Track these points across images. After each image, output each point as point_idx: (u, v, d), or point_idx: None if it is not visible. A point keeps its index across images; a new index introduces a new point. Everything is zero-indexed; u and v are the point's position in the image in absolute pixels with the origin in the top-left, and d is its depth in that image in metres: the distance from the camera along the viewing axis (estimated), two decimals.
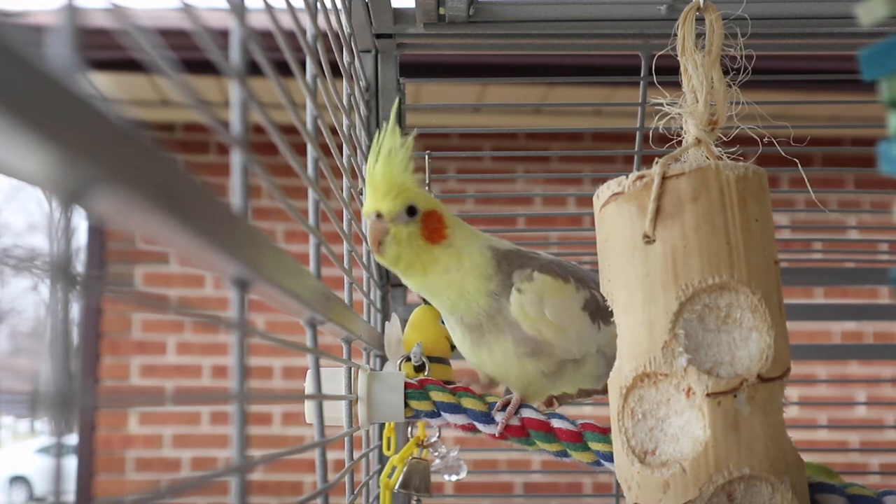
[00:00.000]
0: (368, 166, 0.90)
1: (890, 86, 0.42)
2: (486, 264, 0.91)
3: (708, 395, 0.69)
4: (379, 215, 0.89)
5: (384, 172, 0.89)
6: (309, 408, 0.77)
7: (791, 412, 3.38)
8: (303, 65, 0.67)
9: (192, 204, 0.28)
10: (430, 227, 0.91)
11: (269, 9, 0.52)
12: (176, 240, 0.29)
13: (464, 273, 0.90)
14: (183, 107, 3.06)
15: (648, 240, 0.72)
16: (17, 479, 9.44)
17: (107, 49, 2.53)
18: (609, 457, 0.84)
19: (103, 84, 3.18)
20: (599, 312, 0.94)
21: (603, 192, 0.76)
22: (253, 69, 0.45)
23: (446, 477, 1.07)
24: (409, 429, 1.05)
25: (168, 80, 0.32)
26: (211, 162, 3.44)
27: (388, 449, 1.08)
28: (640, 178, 0.73)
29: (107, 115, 0.22)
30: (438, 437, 1.05)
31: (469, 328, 0.92)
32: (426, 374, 1.01)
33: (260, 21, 0.57)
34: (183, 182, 0.28)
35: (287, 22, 0.63)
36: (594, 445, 0.87)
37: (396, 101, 0.99)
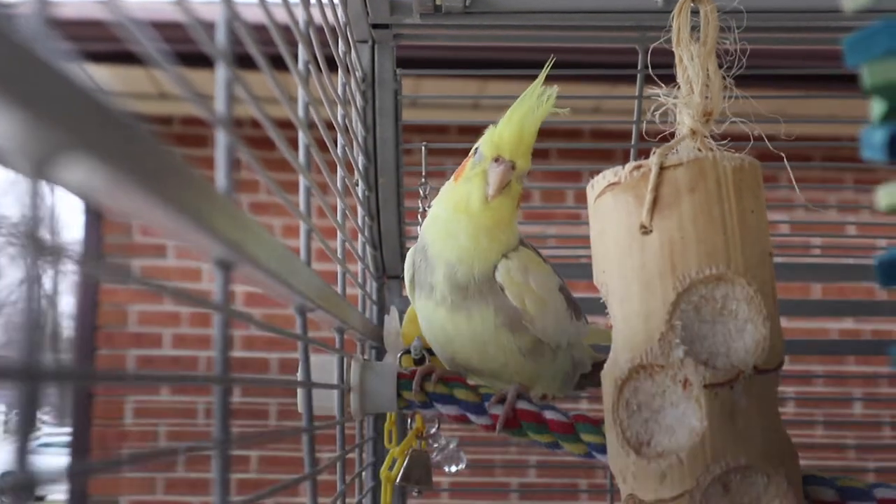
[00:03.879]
0: (520, 114, 0.90)
1: (871, 72, 0.42)
2: (514, 241, 0.94)
3: (705, 386, 0.69)
4: (514, 167, 0.90)
5: (534, 129, 0.90)
6: (300, 396, 0.77)
7: (787, 409, 3.37)
8: (296, 55, 0.67)
9: (170, 179, 0.28)
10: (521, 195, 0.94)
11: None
12: (154, 215, 0.29)
13: (503, 237, 0.92)
14: (180, 99, 3.06)
15: (645, 230, 0.72)
16: (11, 474, 9.44)
17: (105, 41, 2.53)
18: (601, 448, 0.84)
19: (102, 77, 3.17)
20: (571, 303, 0.96)
21: (598, 183, 0.76)
22: (246, 62, 0.45)
23: (446, 468, 1.07)
24: (409, 421, 1.05)
25: (159, 68, 0.32)
26: (209, 156, 3.42)
27: (390, 442, 1.08)
28: (637, 168, 0.73)
29: (74, 82, 0.22)
30: (437, 428, 1.05)
31: (455, 287, 0.92)
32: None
33: (252, 13, 0.57)
34: (158, 155, 0.27)
35: (280, 11, 0.63)
36: (586, 437, 0.86)
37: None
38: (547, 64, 0.92)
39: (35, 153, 0.22)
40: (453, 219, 0.92)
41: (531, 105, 0.90)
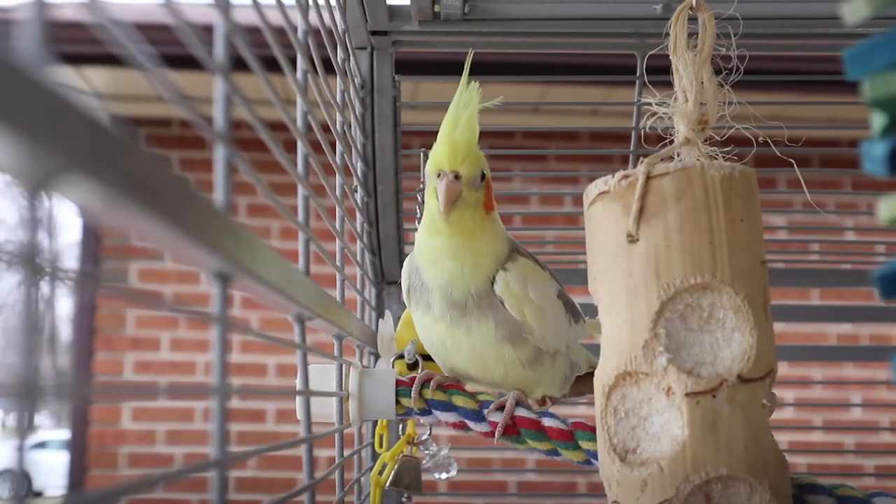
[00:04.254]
0: (448, 126, 0.89)
1: (873, 85, 0.42)
2: (503, 248, 0.93)
3: (687, 394, 0.69)
4: (457, 176, 0.88)
5: (467, 134, 0.89)
6: (298, 404, 0.77)
7: (786, 414, 3.37)
8: (294, 61, 0.67)
9: (169, 196, 0.28)
10: (489, 196, 0.93)
11: (257, 5, 0.52)
12: (153, 232, 0.29)
13: (487, 251, 0.91)
14: (177, 99, 3.06)
15: (632, 239, 0.72)
16: (7, 473, 9.43)
17: (104, 44, 2.53)
18: None
19: (100, 79, 3.18)
20: (570, 308, 0.96)
21: (591, 191, 0.76)
22: (244, 64, 0.45)
23: (436, 475, 1.07)
24: (400, 426, 1.05)
25: (150, 75, 0.32)
26: (207, 158, 3.43)
27: (381, 446, 1.08)
28: (626, 177, 0.73)
29: (73, 105, 0.22)
30: (429, 434, 1.05)
31: (452, 305, 0.91)
32: (419, 371, 1.01)
33: (250, 17, 0.57)
34: (158, 174, 0.27)
35: (278, 18, 0.63)
36: (585, 444, 0.86)
37: (467, 65, 0.92)
38: (466, 63, 0.91)
39: (33, 175, 0.22)
40: (432, 244, 0.92)
41: (457, 111, 0.89)
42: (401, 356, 1.02)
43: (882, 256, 1.96)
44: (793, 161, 0.87)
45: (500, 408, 0.90)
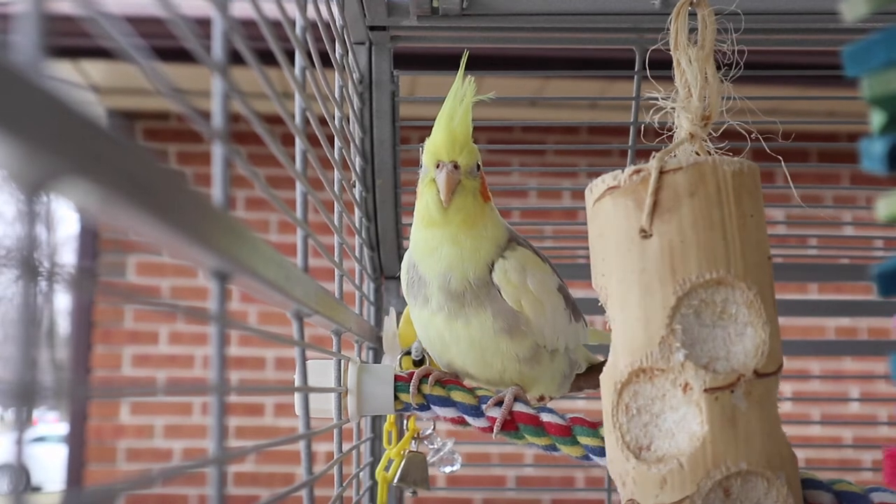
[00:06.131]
0: (445, 117, 0.91)
1: (871, 83, 0.42)
2: (502, 235, 0.93)
3: (706, 390, 0.69)
4: (456, 166, 0.90)
5: (464, 125, 0.91)
6: (297, 400, 0.77)
7: (784, 407, 3.37)
8: (292, 57, 0.67)
9: (167, 196, 0.28)
10: (484, 186, 0.94)
11: (255, 0, 0.51)
12: (151, 233, 0.29)
13: (486, 235, 0.92)
14: (175, 96, 3.05)
15: (645, 234, 0.71)
16: (5, 468, 9.44)
17: (102, 37, 2.52)
18: (598, 451, 0.84)
19: (99, 72, 3.17)
20: (570, 304, 0.96)
21: (597, 186, 0.76)
22: (241, 59, 0.45)
23: (441, 469, 1.07)
24: (404, 421, 1.05)
25: (149, 74, 0.32)
26: (205, 151, 3.43)
27: (389, 443, 1.08)
28: (637, 172, 0.73)
29: (70, 107, 0.22)
30: (433, 429, 1.05)
31: (450, 296, 0.92)
32: None
33: (247, 11, 0.57)
34: (157, 174, 0.27)
35: (276, 13, 0.63)
36: (583, 440, 0.86)
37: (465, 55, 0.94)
38: (462, 60, 0.92)
39: (30, 178, 0.21)
40: (429, 235, 0.92)
41: (453, 104, 0.90)
42: (408, 353, 1.02)
43: (880, 251, 1.96)
44: (790, 157, 0.87)
45: (499, 403, 0.90)
